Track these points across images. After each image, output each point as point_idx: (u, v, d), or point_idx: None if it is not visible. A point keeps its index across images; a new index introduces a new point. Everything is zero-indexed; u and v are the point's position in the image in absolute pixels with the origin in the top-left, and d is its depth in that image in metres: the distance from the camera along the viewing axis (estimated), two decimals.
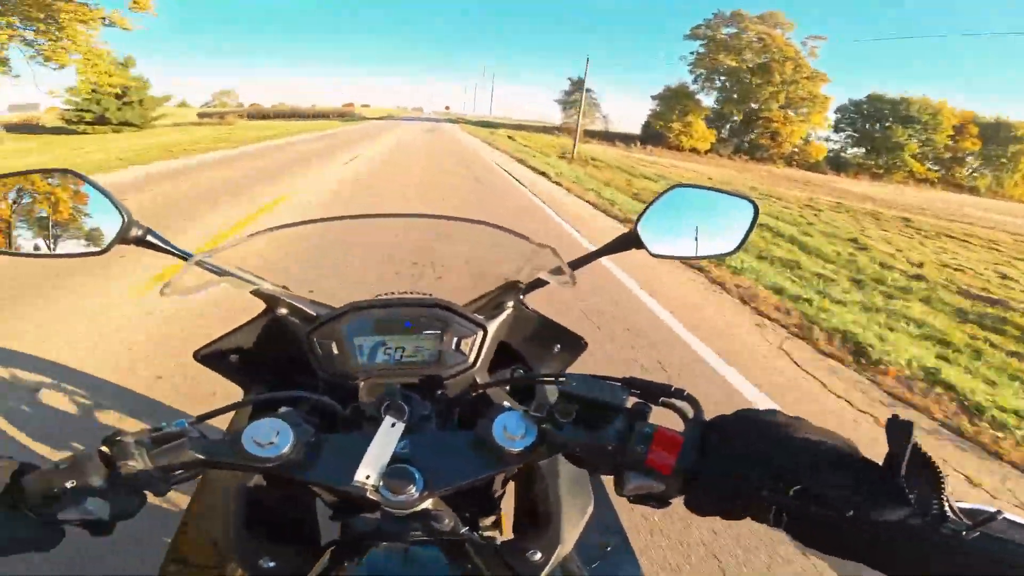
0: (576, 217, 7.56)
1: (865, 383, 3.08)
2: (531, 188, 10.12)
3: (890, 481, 0.34)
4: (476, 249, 0.88)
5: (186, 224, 5.31)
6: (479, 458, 0.49)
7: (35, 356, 2.49)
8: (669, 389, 0.47)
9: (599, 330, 3.32)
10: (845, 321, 3.90)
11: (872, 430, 2.53)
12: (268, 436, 0.46)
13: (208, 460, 0.46)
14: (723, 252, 0.82)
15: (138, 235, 0.66)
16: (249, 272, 0.70)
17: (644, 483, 0.43)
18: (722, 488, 0.40)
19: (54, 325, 2.84)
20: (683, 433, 0.43)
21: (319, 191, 8.06)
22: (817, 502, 0.35)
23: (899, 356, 3.36)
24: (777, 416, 0.41)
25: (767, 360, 3.22)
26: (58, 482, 0.42)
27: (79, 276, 3.49)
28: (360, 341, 0.71)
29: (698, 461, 0.41)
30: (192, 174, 9.22)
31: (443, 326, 0.72)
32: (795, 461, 0.37)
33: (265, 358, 0.77)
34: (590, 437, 0.45)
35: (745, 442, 0.40)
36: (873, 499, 0.34)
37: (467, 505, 0.73)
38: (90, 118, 22.65)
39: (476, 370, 0.73)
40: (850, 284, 5.48)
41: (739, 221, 0.81)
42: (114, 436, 0.45)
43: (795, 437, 0.39)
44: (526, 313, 0.80)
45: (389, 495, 0.46)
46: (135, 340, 2.73)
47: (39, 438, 1.94)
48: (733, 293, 4.44)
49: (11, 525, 0.41)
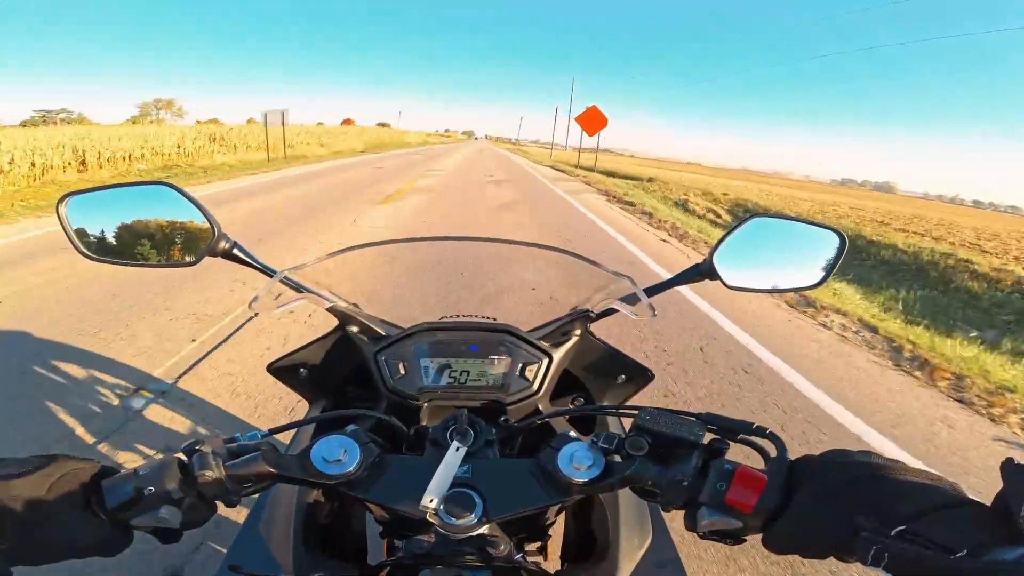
0: None
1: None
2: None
3: (1005, 522, 0.33)
4: (550, 275, 0.87)
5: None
6: (541, 487, 0.49)
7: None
8: (750, 427, 0.45)
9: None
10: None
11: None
12: (336, 453, 0.46)
13: (279, 474, 0.47)
14: (805, 285, 0.77)
15: (226, 248, 0.68)
16: (326, 289, 0.72)
17: (721, 520, 0.42)
18: (812, 527, 0.39)
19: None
20: (766, 471, 0.42)
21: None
22: (925, 542, 0.34)
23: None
24: (872, 457, 0.40)
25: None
26: (136, 489, 0.42)
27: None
28: (426, 362, 0.71)
29: (782, 501, 0.40)
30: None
31: (509, 352, 0.71)
32: (898, 502, 0.36)
33: (332, 373, 0.78)
34: (664, 472, 0.44)
35: (841, 483, 0.39)
36: (990, 540, 0.33)
37: (516, 530, 0.71)
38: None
39: (539, 397, 0.72)
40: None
41: (823, 253, 0.76)
42: (192, 445, 0.45)
43: (896, 479, 0.38)
44: (593, 342, 0.78)
45: (448, 519, 0.46)
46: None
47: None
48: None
49: (84, 528, 0.41)
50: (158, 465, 0.44)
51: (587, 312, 0.75)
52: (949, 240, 11.69)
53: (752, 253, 0.75)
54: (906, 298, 6.26)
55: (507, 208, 8.99)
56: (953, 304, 6.64)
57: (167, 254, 0.70)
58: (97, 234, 0.69)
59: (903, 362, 3.47)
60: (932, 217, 20.53)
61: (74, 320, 3.02)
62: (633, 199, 11.54)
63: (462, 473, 0.49)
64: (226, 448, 0.47)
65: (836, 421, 2.54)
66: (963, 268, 7.72)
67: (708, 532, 0.43)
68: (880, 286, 6.98)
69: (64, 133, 12.91)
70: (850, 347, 3.65)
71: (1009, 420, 2.81)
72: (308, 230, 5.98)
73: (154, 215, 0.70)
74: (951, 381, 3.20)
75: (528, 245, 0.81)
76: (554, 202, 10.51)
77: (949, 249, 9.18)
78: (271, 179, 11.58)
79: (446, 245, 0.87)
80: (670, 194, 14.88)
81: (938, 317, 5.67)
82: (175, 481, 0.43)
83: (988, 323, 5.87)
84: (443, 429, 0.58)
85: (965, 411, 2.87)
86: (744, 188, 22.04)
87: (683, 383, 2.77)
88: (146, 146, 13.79)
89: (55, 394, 2.23)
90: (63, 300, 3.34)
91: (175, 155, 14.73)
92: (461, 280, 3.68)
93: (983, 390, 3.09)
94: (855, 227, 11.29)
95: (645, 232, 7.70)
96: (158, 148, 14.15)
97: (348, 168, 15.89)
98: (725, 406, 2.56)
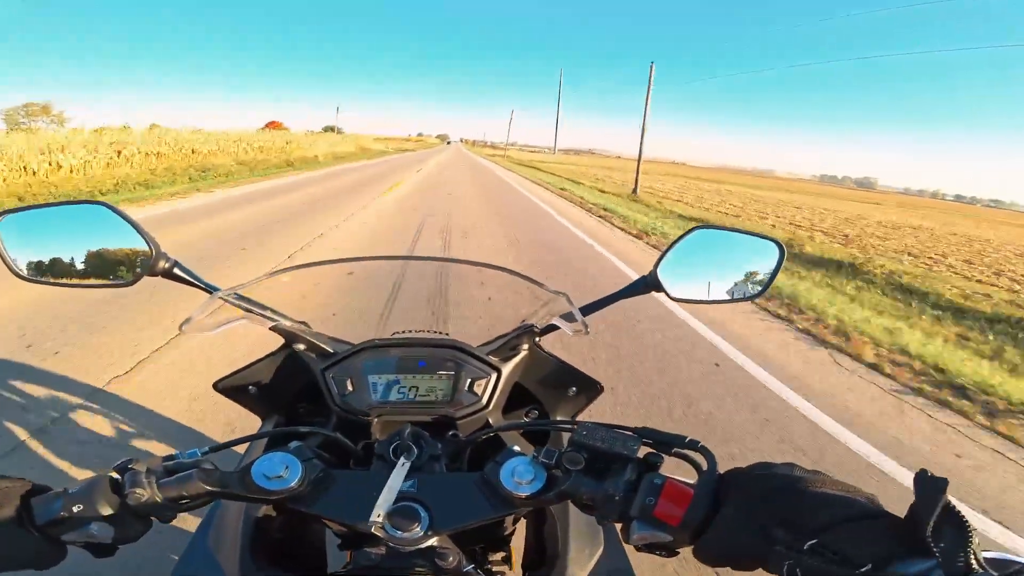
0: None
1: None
2: None
3: (914, 535, 0.33)
4: (494, 292, 0.88)
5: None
6: (486, 500, 0.50)
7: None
8: (683, 440, 0.46)
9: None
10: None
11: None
12: (277, 470, 0.47)
13: (217, 491, 0.47)
14: (747, 296, 0.79)
15: (166, 267, 0.67)
16: (269, 309, 0.71)
17: (651, 534, 0.43)
18: (733, 540, 0.40)
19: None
20: (694, 485, 0.43)
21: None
22: (833, 557, 0.35)
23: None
24: (795, 470, 0.41)
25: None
26: (66, 506, 0.43)
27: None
28: (374, 379, 0.71)
29: (708, 514, 0.41)
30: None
31: (457, 367, 0.72)
32: (812, 515, 0.37)
33: (282, 391, 0.78)
34: (598, 486, 0.45)
35: (760, 495, 0.39)
36: (895, 553, 0.33)
37: (477, 541, 0.72)
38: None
39: (489, 411, 0.72)
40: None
41: (764, 263, 0.78)
42: (125, 464, 0.46)
43: (813, 491, 0.38)
44: (541, 356, 0.79)
45: (395, 532, 0.47)
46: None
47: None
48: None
49: (15, 543, 0.42)
50: (88, 483, 0.44)
51: (532, 327, 0.75)
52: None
53: (695, 264, 0.77)
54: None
55: None
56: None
57: (105, 274, 0.69)
58: (32, 254, 0.68)
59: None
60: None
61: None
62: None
63: (408, 487, 0.50)
64: (163, 466, 0.47)
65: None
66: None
67: (641, 545, 0.44)
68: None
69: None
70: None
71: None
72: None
73: (91, 234, 0.69)
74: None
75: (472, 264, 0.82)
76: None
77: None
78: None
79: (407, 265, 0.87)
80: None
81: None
82: (106, 500, 0.44)
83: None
84: (388, 444, 0.59)
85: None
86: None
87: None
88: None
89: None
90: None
91: (46, 172, 10.32)
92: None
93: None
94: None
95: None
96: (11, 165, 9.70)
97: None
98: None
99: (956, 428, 2.83)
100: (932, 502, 0.33)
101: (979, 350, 4.26)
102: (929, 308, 5.59)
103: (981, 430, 2.83)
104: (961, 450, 2.61)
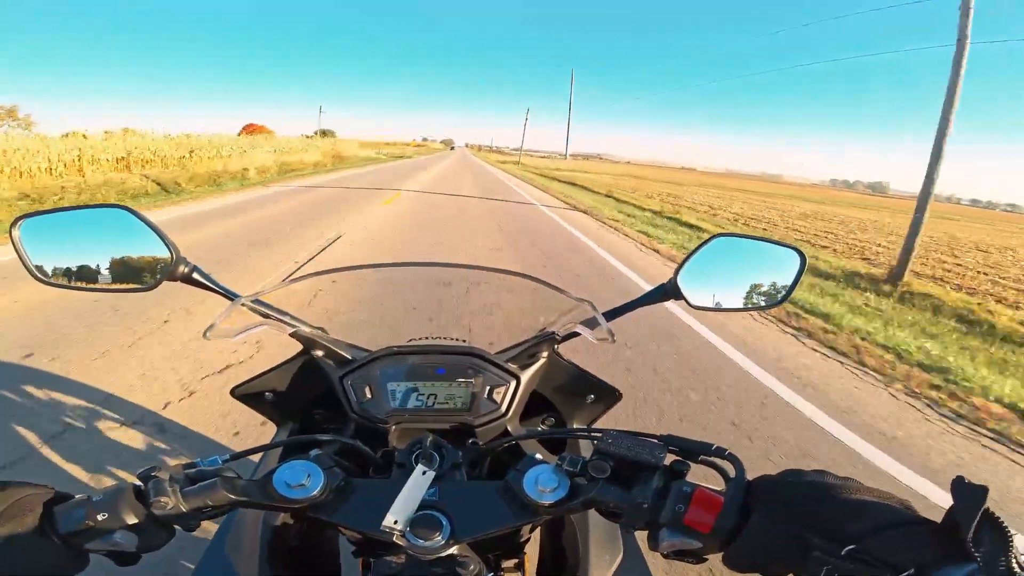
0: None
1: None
2: None
3: (953, 541, 0.33)
4: (515, 299, 0.88)
5: None
6: (508, 508, 0.49)
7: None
8: (710, 448, 0.46)
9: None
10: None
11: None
12: (299, 478, 0.47)
13: (240, 500, 0.47)
14: (767, 304, 0.78)
15: (185, 272, 0.67)
16: (288, 314, 0.71)
17: (680, 541, 0.43)
18: (765, 547, 0.39)
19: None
20: (724, 492, 0.42)
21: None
22: (874, 562, 0.35)
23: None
24: (826, 476, 0.40)
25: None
26: (90, 515, 0.42)
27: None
28: (392, 386, 0.70)
29: (739, 521, 0.41)
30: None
31: (476, 374, 0.71)
32: (849, 521, 0.37)
33: (299, 397, 0.78)
34: (625, 494, 0.45)
35: (791, 502, 0.39)
36: (936, 558, 0.34)
37: (491, 547, 0.71)
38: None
39: (508, 419, 0.72)
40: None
41: (785, 271, 0.77)
42: (149, 471, 0.45)
43: (847, 497, 0.38)
44: (560, 363, 0.78)
45: (416, 540, 0.46)
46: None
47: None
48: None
49: (38, 552, 0.41)
50: (112, 492, 0.44)
51: (552, 334, 0.75)
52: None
53: (716, 272, 0.76)
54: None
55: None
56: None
57: (126, 279, 0.69)
58: (52, 258, 0.68)
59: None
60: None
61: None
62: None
63: (429, 495, 0.49)
64: (184, 474, 0.47)
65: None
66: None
67: (669, 552, 0.44)
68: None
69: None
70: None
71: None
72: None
73: (111, 238, 0.69)
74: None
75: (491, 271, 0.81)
76: None
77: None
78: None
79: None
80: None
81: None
82: (130, 508, 0.43)
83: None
84: (408, 452, 0.59)
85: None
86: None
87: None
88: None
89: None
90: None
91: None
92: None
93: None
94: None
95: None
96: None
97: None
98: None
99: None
100: (972, 509, 0.33)
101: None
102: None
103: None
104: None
